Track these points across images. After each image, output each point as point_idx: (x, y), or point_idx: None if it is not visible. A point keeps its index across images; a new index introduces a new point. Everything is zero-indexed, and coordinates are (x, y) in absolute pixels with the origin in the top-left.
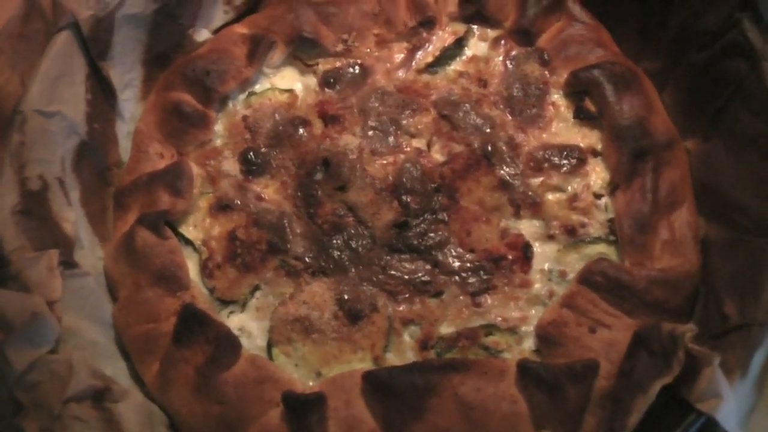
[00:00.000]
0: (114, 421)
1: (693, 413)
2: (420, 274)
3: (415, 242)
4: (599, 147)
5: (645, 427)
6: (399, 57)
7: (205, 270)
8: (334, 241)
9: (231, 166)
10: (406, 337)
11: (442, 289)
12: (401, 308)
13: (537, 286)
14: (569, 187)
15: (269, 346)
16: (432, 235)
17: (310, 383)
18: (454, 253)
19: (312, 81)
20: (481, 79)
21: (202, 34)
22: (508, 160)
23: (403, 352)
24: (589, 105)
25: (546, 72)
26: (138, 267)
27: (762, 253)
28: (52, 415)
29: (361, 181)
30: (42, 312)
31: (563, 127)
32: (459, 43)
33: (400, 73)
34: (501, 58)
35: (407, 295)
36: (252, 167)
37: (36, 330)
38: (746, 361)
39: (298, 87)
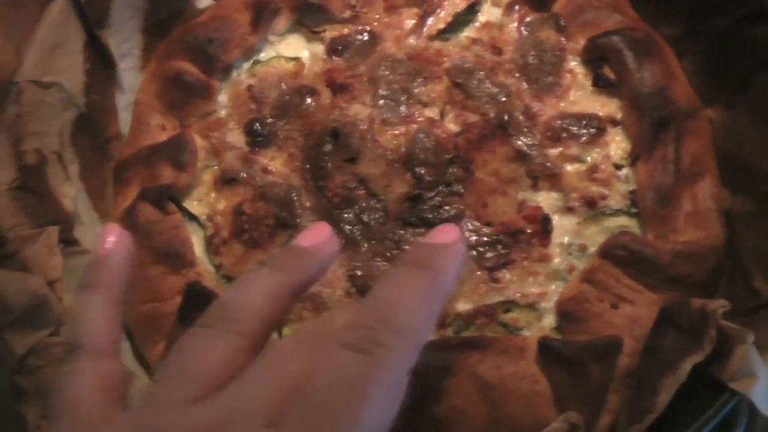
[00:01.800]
0: None
1: (726, 392)
2: None
3: (430, 216)
4: (619, 116)
5: (674, 406)
6: (409, 23)
7: (211, 246)
8: (345, 215)
9: (236, 137)
10: None
11: None
12: None
13: (556, 260)
14: (588, 158)
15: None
16: (447, 208)
17: None
18: (470, 227)
19: (319, 49)
20: (495, 46)
21: (203, 1)
22: (525, 130)
23: None
24: (608, 72)
25: (562, 38)
26: (140, 244)
27: None
28: None
29: (372, 152)
30: (43, 293)
31: (581, 96)
32: (471, 9)
33: (411, 40)
34: (515, 25)
35: None
36: (258, 139)
37: (36, 312)
38: None
39: (304, 55)
